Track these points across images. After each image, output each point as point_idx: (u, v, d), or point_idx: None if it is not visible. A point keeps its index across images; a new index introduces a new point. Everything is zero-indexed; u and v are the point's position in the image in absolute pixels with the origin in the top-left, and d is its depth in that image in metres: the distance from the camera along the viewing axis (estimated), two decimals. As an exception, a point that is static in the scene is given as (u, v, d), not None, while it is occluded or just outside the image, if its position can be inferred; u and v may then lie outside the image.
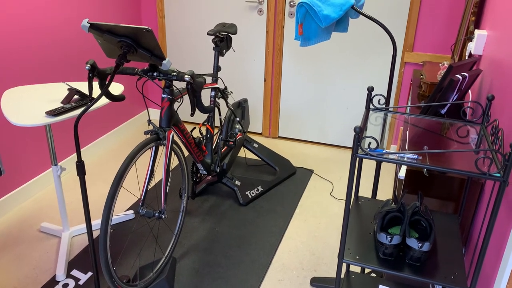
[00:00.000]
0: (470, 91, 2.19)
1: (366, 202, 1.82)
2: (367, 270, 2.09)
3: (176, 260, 2.23)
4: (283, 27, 3.28)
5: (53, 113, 1.85)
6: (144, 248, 2.31)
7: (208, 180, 2.74)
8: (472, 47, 2.11)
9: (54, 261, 2.23)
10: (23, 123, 1.78)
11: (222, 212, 2.62)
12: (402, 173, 1.78)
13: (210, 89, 2.52)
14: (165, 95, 1.92)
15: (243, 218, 2.57)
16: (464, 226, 1.81)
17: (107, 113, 3.38)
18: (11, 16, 2.43)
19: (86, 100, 2.02)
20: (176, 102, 2.01)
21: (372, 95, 1.66)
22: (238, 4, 3.33)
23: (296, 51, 3.33)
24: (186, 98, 3.67)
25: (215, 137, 2.65)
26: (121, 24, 1.59)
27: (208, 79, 3.57)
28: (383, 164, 3.20)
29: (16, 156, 2.61)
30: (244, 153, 3.35)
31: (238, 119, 2.78)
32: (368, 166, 3.24)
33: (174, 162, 3.19)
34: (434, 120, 1.66)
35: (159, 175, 2.97)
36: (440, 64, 2.51)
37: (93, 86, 1.89)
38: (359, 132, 1.27)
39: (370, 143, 1.35)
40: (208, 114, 2.58)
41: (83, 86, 2.24)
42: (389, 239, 1.41)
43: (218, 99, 2.57)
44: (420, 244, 1.38)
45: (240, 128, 2.84)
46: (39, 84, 2.26)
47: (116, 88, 2.22)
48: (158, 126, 1.92)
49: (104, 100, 2.06)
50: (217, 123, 3.54)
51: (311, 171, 3.13)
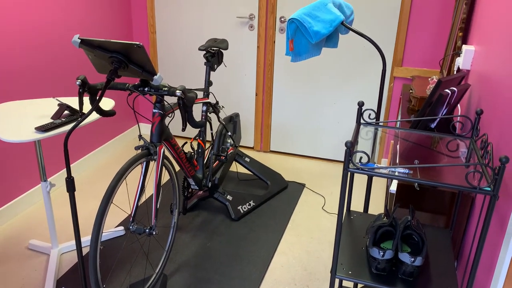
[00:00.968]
0: (459, 105, 2.22)
1: (358, 216, 1.82)
2: (360, 286, 2.08)
3: (167, 277, 2.20)
4: (274, 42, 3.30)
5: (42, 128, 1.84)
6: (135, 265, 2.28)
7: (199, 195, 2.73)
8: (460, 62, 2.15)
9: (42, 279, 2.19)
10: (12, 139, 1.76)
11: (214, 227, 2.60)
12: (394, 187, 1.78)
13: (202, 103, 2.52)
14: (156, 110, 1.91)
15: (235, 234, 2.55)
16: (455, 239, 1.81)
17: (98, 128, 3.36)
18: (0, 32, 2.42)
19: (77, 115, 2.01)
20: (167, 117, 2.00)
21: (362, 110, 1.68)
22: (229, 20, 3.35)
23: (287, 66, 3.35)
24: (177, 112, 3.66)
25: (206, 151, 2.64)
26: (112, 40, 1.59)
27: (200, 94, 3.57)
28: (374, 178, 3.21)
29: (5, 172, 2.58)
30: (235, 167, 3.34)
31: (229, 133, 2.78)
32: (360, 179, 3.25)
33: (165, 177, 3.17)
34: (424, 134, 1.67)
35: (150, 190, 2.95)
36: (429, 79, 2.54)
37: (83, 102, 1.88)
38: (350, 147, 1.27)
39: (361, 158, 1.36)
40: (199, 129, 2.57)
41: (73, 102, 2.23)
42: (381, 254, 1.41)
43: (210, 113, 2.58)
44: (412, 259, 1.38)
45: (232, 142, 2.84)
46: (29, 100, 2.24)
47: (106, 103, 2.21)
48: (149, 141, 1.91)
49: (94, 115, 2.05)
50: (208, 138, 3.54)
51: (303, 185, 3.13)
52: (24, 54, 2.59)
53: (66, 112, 2.03)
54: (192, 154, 2.33)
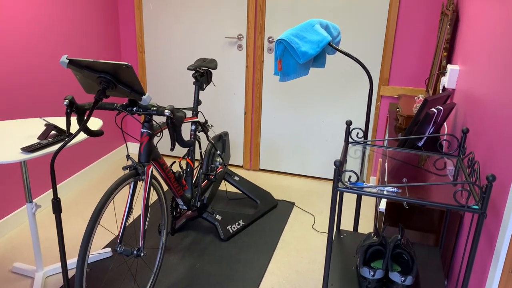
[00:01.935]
0: (445, 123, 2.25)
1: (348, 235, 1.81)
2: (350, 305, 2.05)
3: (155, 300, 2.15)
4: (263, 62, 3.33)
5: (29, 149, 1.81)
6: (122, 287, 2.23)
7: (188, 215, 2.70)
8: (446, 81, 2.18)
9: (26, 303, 2.13)
10: (-3, 160, 1.73)
11: (203, 248, 2.57)
12: (383, 205, 1.79)
13: (191, 123, 2.52)
14: (144, 130, 1.90)
15: (224, 254, 2.52)
16: (445, 258, 1.82)
17: (85, 147, 3.33)
18: (-12, 52, 2.41)
19: (64, 135, 1.99)
20: (156, 137, 1.99)
21: (350, 129, 1.69)
22: (218, 40, 3.38)
23: (276, 85, 3.38)
24: (166, 132, 3.65)
25: (195, 170, 2.63)
26: (100, 60, 1.59)
27: (189, 113, 3.57)
28: (364, 196, 3.21)
29: (-11, 193, 2.53)
30: (225, 186, 3.33)
31: (218, 152, 2.77)
32: (349, 197, 3.25)
33: (153, 197, 3.14)
34: (411, 152, 1.68)
35: (138, 211, 2.91)
36: (416, 98, 2.57)
37: (71, 122, 1.86)
38: (339, 166, 1.28)
39: (350, 177, 1.36)
40: (188, 148, 2.56)
41: (61, 122, 2.21)
42: (372, 273, 1.40)
43: (199, 132, 2.57)
44: (403, 278, 1.38)
45: (221, 161, 2.83)
46: (15, 120, 2.22)
47: (94, 123, 2.20)
48: (137, 161, 1.90)
49: (82, 136, 2.03)
50: (197, 157, 3.52)
51: (292, 204, 3.12)
52: (11, 74, 2.58)
53: (53, 132, 2.01)
54: (181, 173, 2.31)
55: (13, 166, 2.67)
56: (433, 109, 1.77)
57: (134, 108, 1.81)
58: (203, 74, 2.54)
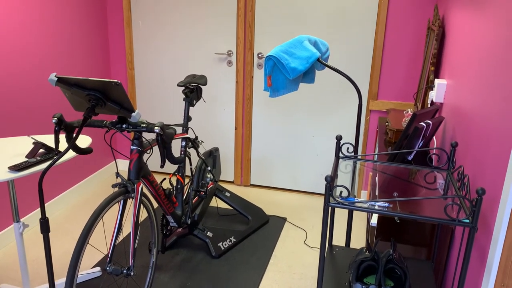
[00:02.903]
0: (434, 137, 2.26)
1: (340, 251, 1.80)
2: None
3: (146, 320, 2.11)
4: (252, 77, 3.35)
5: (16, 168, 1.79)
6: (111, 307, 2.19)
7: (178, 232, 2.67)
8: (434, 95, 2.21)
9: (13, 326, 2.07)
10: (-17, 180, 1.70)
11: (194, 266, 2.54)
12: (374, 220, 1.78)
13: (181, 139, 2.51)
14: (134, 147, 1.89)
15: (216, 272, 2.49)
16: (438, 271, 1.81)
17: (74, 165, 3.29)
18: (-25, 70, 2.39)
19: (52, 153, 1.97)
20: (146, 154, 1.98)
21: (340, 144, 1.69)
22: (208, 56, 3.40)
23: (266, 100, 3.39)
24: (156, 148, 3.63)
25: (186, 187, 2.61)
26: (89, 78, 1.58)
27: (179, 130, 3.56)
28: (355, 211, 3.21)
29: (-25, 213, 2.48)
30: (216, 202, 3.30)
31: (209, 168, 2.76)
32: (341, 211, 3.25)
33: (143, 214, 3.10)
34: (402, 166, 1.69)
35: (128, 229, 2.87)
36: (404, 112, 2.60)
37: (59, 139, 1.84)
38: (330, 181, 1.28)
39: (341, 192, 1.36)
40: (178, 165, 2.55)
41: (49, 140, 2.19)
42: (365, 289, 1.39)
43: (189, 148, 2.56)
44: (396, 294, 1.37)
45: (212, 177, 2.82)
46: (2, 138, 2.19)
47: (83, 140, 2.18)
48: (126, 178, 1.88)
49: (71, 153, 2.01)
50: (188, 173, 3.50)
51: (284, 219, 3.11)
52: (-1, 91, 2.56)
53: (42, 150, 1.99)
54: (171, 190, 2.29)
55: (0, 185, 2.62)
56: (422, 123, 1.78)
57: (124, 125, 1.80)
58: (193, 90, 2.54)
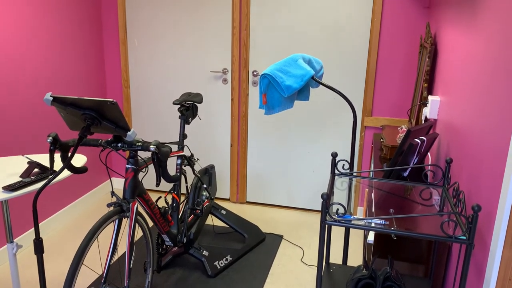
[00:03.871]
0: (429, 153, 2.28)
1: (337, 268, 1.79)
2: None
3: None
4: (248, 95, 3.37)
5: (10, 188, 1.77)
6: (106, 329, 2.15)
7: (174, 251, 2.64)
8: (427, 112, 2.23)
9: None
10: (-23, 200, 1.68)
11: (190, 285, 2.51)
12: (371, 237, 1.78)
13: (176, 157, 2.50)
14: (129, 166, 1.88)
15: (212, 291, 2.46)
16: (435, 289, 1.80)
17: (68, 183, 3.27)
18: (-30, 89, 2.38)
19: (47, 173, 1.96)
20: (141, 172, 1.97)
21: (336, 161, 1.70)
22: (203, 74, 3.42)
23: (261, 117, 3.41)
24: (151, 167, 3.62)
25: (181, 205, 2.59)
26: (85, 97, 1.59)
27: (174, 147, 3.56)
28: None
29: (-32, 234, 2.45)
30: (211, 220, 3.28)
31: (205, 186, 2.75)
32: (338, 228, 3.23)
33: (138, 233, 3.08)
34: (397, 183, 1.69)
35: (123, 248, 2.84)
36: (399, 128, 2.61)
37: (54, 159, 1.84)
38: (327, 199, 1.27)
39: (338, 209, 1.36)
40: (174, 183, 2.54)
41: (44, 159, 2.18)
42: (363, 308, 1.38)
43: (185, 166, 2.55)
44: (394, 312, 1.35)
45: (207, 195, 2.81)
46: (-4, 158, 2.18)
47: (78, 159, 2.17)
48: (121, 197, 1.87)
49: (66, 173, 2.00)
50: (183, 191, 3.49)
51: (280, 237, 3.09)
52: (-6, 111, 2.55)
53: (36, 170, 1.97)
54: (167, 209, 2.28)
55: (-7, 205, 2.60)
56: (416, 139, 1.79)
57: (119, 144, 1.80)
58: (188, 108, 2.55)
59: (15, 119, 2.71)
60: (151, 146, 1.76)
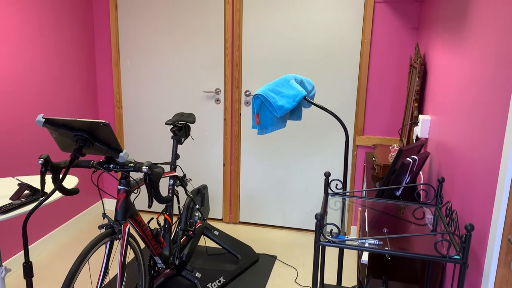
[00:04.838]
0: (421, 172, 2.29)
1: (331, 289, 1.77)
2: None
3: None
4: (240, 114, 3.38)
5: (0, 210, 1.75)
6: None
7: (166, 273, 2.60)
8: (418, 131, 2.25)
9: None
10: (-35, 223, 1.65)
11: (183, 307, 2.47)
12: (365, 257, 1.77)
13: (169, 177, 2.49)
14: (121, 187, 1.87)
15: (205, 313, 2.42)
16: (431, 309, 1.78)
17: (59, 205, 3.23)
18: (-39, 111, 2.37)
19: (38, 195, 1.93)
20: (133, 193, 1.96)
21: (329, 180, 1.70)
22: (196, 94, 3.43)
23: (254, 137, 3.41)
24: (143, 187, 3.59)
25: (173, 226, 2.57)
26: (77, 119, 1.58)
27: (167, 168, 3.54)
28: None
29: (-45, 257, 2.40)
30: (204, 241, 3.25)
31: (197, 206, 2.73)
32: (332, 248, 3.21)
33: (130, 255, 3.03)
34: (390, 202, 1.70)
35: (114, 270, 2.80)
36: (390, 147, 2.63)
37: (45, 180, 1.82)
38: (320, 219, 1.27)
39: (332, 230, 1.35)
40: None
41: (35, 180, 2.16)
42: (358, 330, 1.36)
43: (177, 187, 2.54)
44: (390, 334, 1.34)
45: (200, 215, 2.79)
46: (-14, 180, 2.15)
47: (70, 181, 2.15)
48: (113, 219, 1.85)
49: (57, 194, 1.98)
50: (176, 211, 3.46)
51: (274, 257, 3.06)
52: (-16, 132, 2.53)
53: (27, 191, 1.95)
54: (159, 230, 2.26)
55: (-18, 228, 2.55)
56: (408, 158, 1.80)
57: (111, 165, 1.79)
58: (181, 128, 2.55)
59: (5, 140, 2.69)
60: (144, 167, 1.75)
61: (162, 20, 3.37)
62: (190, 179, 3.14)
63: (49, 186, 2.08)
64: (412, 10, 2.96)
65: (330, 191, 1.71)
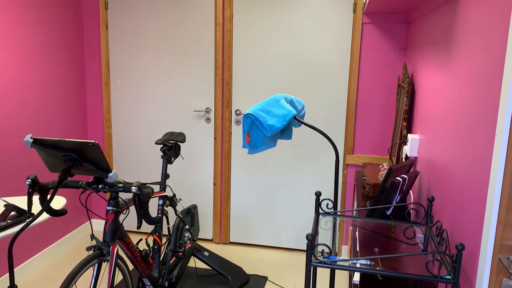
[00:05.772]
0: (411, 191, 2.30)
1: (323, 311, 1.75)
2: None
3: None
4: (231, 133, 3.38)
5: (-15, 232, 1.71)
6: None
7: (156, 295, 2.55)
8: (408, 150, 2.27)
9: None
10: None
11: (172, 331, 2.41)
12: (357, 277, 1.76)
13: (158, 197, 2.47)
14: (110, 207, 1.85)
15: (194, 337, 2.37)
16: (423, 330, 1.77)
17: (46, 226, 3.18)
18: None
19: (24, 216, 1.90)
20: (122, 214, 1.93)
21: (320, 200, 1.70)
22: (186, 113, 3.43)
23: (244, 156, 3.41)
24: (132, 208, 3.55)
25: (163, 247, 2.53)
26: (65, 139, 1.57)
27: (156, 188, 3.51)
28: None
29: None
30: (194, 262, 3.20)
31: (187, 226, 2.70)
32: (323, 268, 3.19)
33: (118, 277, 2.97)
34: (381, 222, 1.69)
35: (102, 292, 2.74)
36: (380, 166, 2.64)
37: (33, 201, 1.79)
38: (312, 240, 1.26)
39: (323, 250, 1.34)
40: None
41: (22, 201, 2.12)
42: None
43: (167, 207, 2.51)
44: None
45: (190, 236, 2.75)
46: (-29, 201, 2.11)
47: (57, 201, 2.12)
48: (101, 240, 1.82)
49: (44, 215, 1.95)
50: (165, 232, 3.42)
51: (265, 278, 3.02)
52: (-29, 152, 2.49)
53: (13, 213, 1.92)
54: (148, 251, 2.22)
55: (-34, 250, 2.49)
56: (398, 178, 1.81)
57: (100, 186, 1.77)
58: (171, 147, 2.54)
59: (-8, 161, 2.65)
60: (133, 188, 1.74)
61: (152, 40, 3.39)
62: (180, 199, 3.11)
63: (36, 207, 2.04)
64: (399, 31, 3.02)
65: (321, 211, 1.71)
